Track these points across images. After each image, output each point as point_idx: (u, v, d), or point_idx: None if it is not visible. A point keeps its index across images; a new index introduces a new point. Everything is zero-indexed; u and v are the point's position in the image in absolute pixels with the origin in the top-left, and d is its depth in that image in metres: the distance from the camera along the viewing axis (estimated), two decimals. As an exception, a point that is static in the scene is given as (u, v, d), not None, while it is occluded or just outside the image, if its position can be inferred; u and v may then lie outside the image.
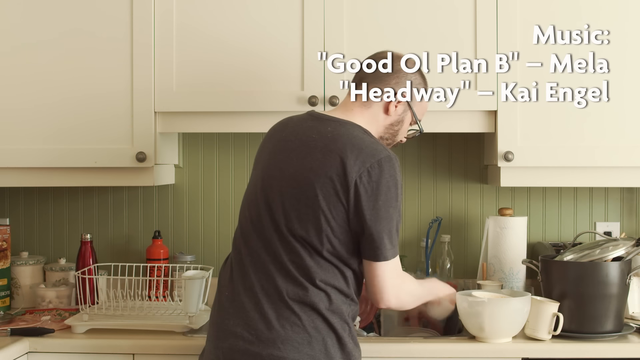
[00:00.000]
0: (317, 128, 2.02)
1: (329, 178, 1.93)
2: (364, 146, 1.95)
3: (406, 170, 2.89)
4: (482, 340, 2.25)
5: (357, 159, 1.93)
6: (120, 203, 2.93)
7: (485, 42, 2.48)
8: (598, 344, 2.25)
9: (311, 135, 2.00)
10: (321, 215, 1.93)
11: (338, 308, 1.95)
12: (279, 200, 1.97)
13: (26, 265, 2.79)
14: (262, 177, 2.03)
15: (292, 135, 2.03)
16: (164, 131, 2.58)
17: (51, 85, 2.55)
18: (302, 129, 2.04)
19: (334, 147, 1.95)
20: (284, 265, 1.94)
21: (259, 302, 1.94)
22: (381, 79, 2.08)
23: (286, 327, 1.91)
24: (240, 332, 1.93)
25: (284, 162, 2.00)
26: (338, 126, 2.01)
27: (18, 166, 2.57)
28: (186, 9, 2.53)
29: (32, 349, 2.29)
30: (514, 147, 2.48)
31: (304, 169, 1.96)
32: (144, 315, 2.44)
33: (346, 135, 1.98)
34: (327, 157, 1.95)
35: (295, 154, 1.99)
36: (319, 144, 1.97)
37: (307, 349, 1.91)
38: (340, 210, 1.93)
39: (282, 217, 1.96)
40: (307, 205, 1.94)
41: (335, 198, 1.93)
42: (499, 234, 2.63)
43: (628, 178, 2.52)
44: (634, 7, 2.48)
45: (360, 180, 1.92)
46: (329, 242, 1.94)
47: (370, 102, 2.08)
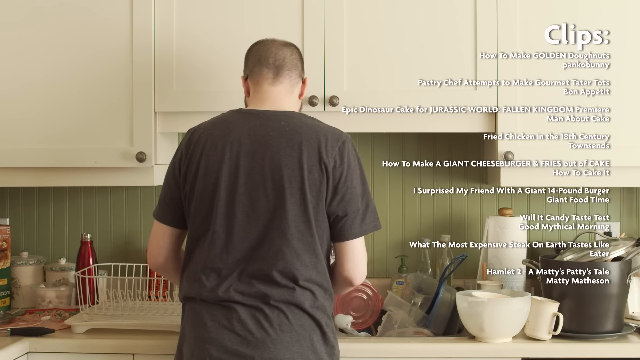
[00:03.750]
0: (268, 125, 2.01)
1: (308, 170, 1.96)
2: (327, 132, 2.01)
3: (406, 170, 2.89)
4: (482, 340, 2.25)
5: (326, 145, 1.98)
6: (120, 203, 2.93)
7: (485, 42, 2.48)
8: (598, 344, 2.26)
9: (268, 133, 2.00)
10: (310, 209, 1.96)
11: (322, 305, 1.98)
12: (264, 200, 1.96)
13: (26, 265, 2.79)
14: (232, 182, 1.99)
15: (246, 138, 2.01)
16: (164, 131, 2.58)
17: (51, 86, 2.55)
18: (252, 129, 2.02)
19: (300, 139, 1.98)
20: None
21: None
22: (296, 66, 2.13)
23: (275, 327, 1.93)
24: (228, 333, 1.94)
25: (252, 165, 1.98)
26: (288, 118, 2.03)
27: (18, 166, 2.57)
28: (186, 13, 2.53)
29: (32, 349, 2.29)
30: (514, 147, 2.48)
31: (278, 167, 1.96)
32: (144, 315, 2.44)
33: (301, 126, 2.01)
34: (297, 150, 1.97)
35: (261, 154, 1.98)
36: (282, 140, 1.98)
37: (296, 347, 1.93)
38: (322, 198, 1.97)
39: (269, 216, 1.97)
40: (293, 202, 1.95)
41: (317, 188, 1.96)
42: (499, 234, 2.63)
43: (628, 178, 2.52)
44: (633, 7, 2.48)
45: (338, 162, 1.98)
46: (320, 235, 1.99)
47: (292, 89, 2.12)
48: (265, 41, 2.15)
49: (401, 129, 2.53)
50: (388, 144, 2.89)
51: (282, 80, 2.10)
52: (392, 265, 2.88)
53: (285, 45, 2.13)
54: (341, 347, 2.08)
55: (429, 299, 2.48)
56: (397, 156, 2.89)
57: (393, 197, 2.90)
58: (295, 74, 2.12)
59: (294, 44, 2.17)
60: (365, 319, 2.52)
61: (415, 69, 2.49)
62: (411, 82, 2.49)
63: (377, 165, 2.89)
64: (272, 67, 2.10)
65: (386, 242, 2.89)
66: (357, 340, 2.33)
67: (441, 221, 2.89)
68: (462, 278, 2.80)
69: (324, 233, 2.00)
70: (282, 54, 2.11)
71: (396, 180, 2.90)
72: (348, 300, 2.52)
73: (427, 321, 2.42)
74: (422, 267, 2.77)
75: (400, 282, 2.71)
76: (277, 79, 2.10)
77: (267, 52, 2.11)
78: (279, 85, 2.10)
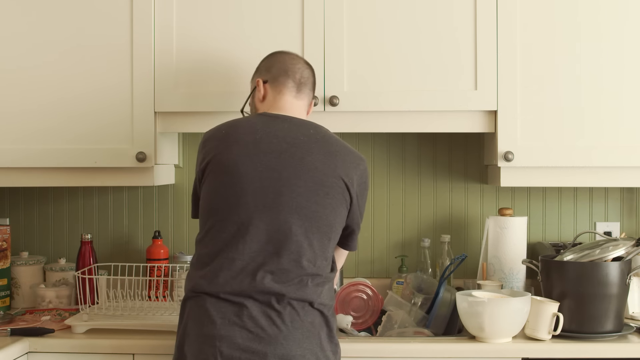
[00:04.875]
0: (297, 130, 2.07)
1: (335, 177, 2.03)
2: (351, 149, 2.12)
3: (406, 170, 2.89)
4: (482, 340, 2.25)
5: (352, 161, 2.09)
6: (120, 203, 2.93)
7: (485, 42, 2.48)
8: (598, 344, 2.26)
9: (298, 137, 2.05)
10: (332, 212, 2.03)
11: (329, 303, 2.03)
12: (290, 200, 1.99)
13: (26, 265, 2.79)
14: (254, 177, 2.01)
15: (274, 137, 2.05)
16: (164, 131, 2.58)
17: (52, 86, 2.55)
18: (281, 131, 2.06)
19: (331, 149, 2.06)
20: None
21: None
22: (313, 88, 2.24)
23: (287, 323, 1.94)
24: (239, 330, 1.94)
25: (279, 162, 2.01)
26: (316, 127, 2.11)
27: (18, 166, 2.57)
28: (186, 13, 2.53)
29: (32, 349, 2.29)
30: (514, 147, 2.48)
31: (306, 168, 2.01)
32: (144, 315, 2.44)
33: (331, 137, 2.11)
34: (329, 158, 2.04)
35: (290, 153, 2.02)
36: (314, 146, 2.05)
37: (306, 343, 1.95)
38: (343, 206, 2.06)
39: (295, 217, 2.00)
40: (318, 203, 2.01)
41: (341, 197, 2.04)
42: (499, 234, 2.63)
43: (628, 178, 2.52)
44: (633, 7, 2.48)
45: (357, 180, 2.08)
46: (335, 239, 2.07)
47: (306, 107, 2.22)
48: (292, 55, 2.24)
49: (401, 129, 2.53)
50: (388, 144, 2.89)
51: (303, 97, 2.19)
52: (392, 265, 2.88)
53: (309, 66, 2.25)
54: (341, 347, 2.08)
55: (429, 299, 2.48)
56: (397, 156, 2.89)
57: (393, 197, 2.90)
58: (311, 95, 2.24)
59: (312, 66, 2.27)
60: (365, 319, 2.52)
61: (415, 68, 2.49)
62: (411, 82, 2.49)
63: (377, 165, 2.89)
64: (298, 82, 2.18)
65: (386, 242, 2.90)
66: (357, 340, 2.33)
67: (441, 221, 2.89)
68: (462, 278, 2.80)
69: (336, 238, 2.09)
70: (307, 73, 2.21)
71: (396, 181, 2.90)
72: (348, 300, 2.52)
73: (427, 321, 2.42)
74: (422, 267, 2.77)
75: (400, 282, 2.71)
76: (299, 95, 2.18)
77: (294, 67, 2.19)
78: (300, 100, 2.18)
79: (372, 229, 2.89)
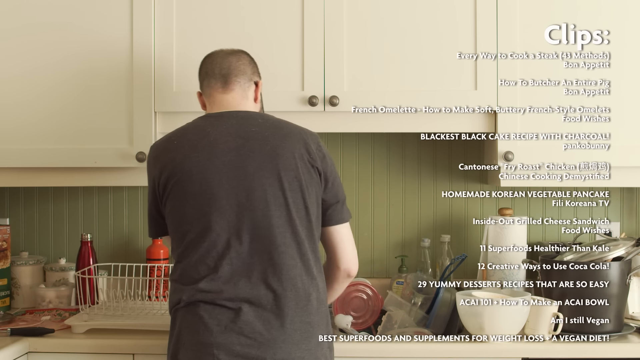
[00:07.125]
0: (246, 123, 2.03)
1: (298, 158, 1.99)
2: (302, 128, 2.07)
3: (406, 170, 2.89)
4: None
5: (308, 138, 2.04)
6: (120, 203, 2.93)
7: (485, 42, 2.48)
8: (598, 344, 2.25)
9: (250, 129, 2.01)
10: (307, 199, 1.99)
11: (324, 301, 2.01)
12: (263, 193, 1.96)
13: (26, 265, 2.79)
14: (222, 179, 1.97)
15: (227, 135, 2.01)
16: (164, 131, 2.57)
17: (52, 86, 2.55)
18: (231, 127, 2.02)
19: (284, 132, 2.02)
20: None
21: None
22: (244, 72, 2.12)
23: (284, 325, 1.93)
24: (236, 336, 1.93)
25: (241, 159, 1.98)
26: (262, 116, 2.07)
27: (18, 166, 2.57)
28: (186, 13, 2.53)
29: (32, 349, 2.29)
30: (514, 147, 2.48)
31: (272, 157, 1.98)
32: (144, 315, 2.45)
33: (280, 121, 2.06)
34: (286, 142, 2.01)
35: (249, 148, 1.99)
36: (268, 134, 2.01)
37: (305, 344, 1.93)
38: (317, 187, 2.02)
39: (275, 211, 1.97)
40: (291, 189, 1.97)
41: (309, 177, 2.00)
42: (499, 234, 2.63)
43: (628, 178, 2.52)
44: (633, 7, 2.48)
45: (319, 154, 2.04)
46: (317, 220, 2.03)
47: (245, 94, 2.12)
48: (212, 53, 2.17)
49: (401, 129, 2.53)
50: (388, 144, 2.89)
51: (232, 87, 2.10)
52: (392, 265, 2.88)
53: (230, 54, 2.14)
54: (341, 347, 2.09)
55: (429, 299, 2.48)
56: (397, 156, 2.89)
57: (393, 197, 2.90)
58: (244, 79, 2.12)
59: (242, 50, 2.18)
60: (365, 319, 2.52)
61: (415, 68, 2.49)
62: (411, 81, 2.49)
63: (377, 165, 2.89)
64: (219, 77, 2.11)
65: (386, 242, 2.89)
66: (357, 340, 2.33)
67: (441, 221, 2.89)
68: (462, 278, 2.80)
69: (318, 220, 2.04)
70: (227, 63, 2.12)
71: (396, 180, 2.90)
72: (348, 300, 2.52)
73: (427, 321, 2.41)
74: (422, 267, 2.77)
75: (400, 282, 2.71)
76: (226, 87, 2.10)
77: (212, 64, 2.13)
78: (230, 93, 2.10)
79: (372, 229, 2.89)
